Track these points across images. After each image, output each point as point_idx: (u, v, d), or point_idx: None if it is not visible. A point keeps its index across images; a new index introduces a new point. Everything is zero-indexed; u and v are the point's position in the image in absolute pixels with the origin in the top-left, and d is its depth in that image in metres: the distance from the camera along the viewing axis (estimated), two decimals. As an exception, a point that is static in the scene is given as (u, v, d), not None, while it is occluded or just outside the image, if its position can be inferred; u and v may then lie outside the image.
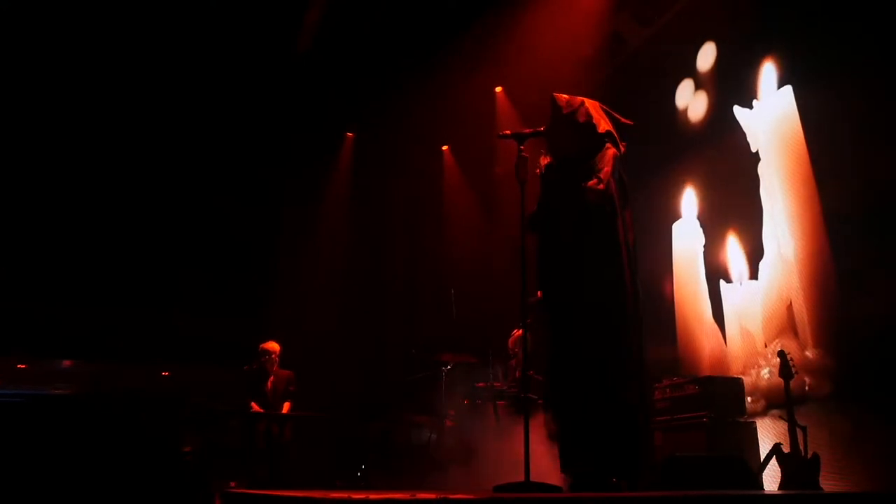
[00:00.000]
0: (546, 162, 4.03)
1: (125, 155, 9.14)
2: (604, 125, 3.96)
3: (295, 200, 10.12)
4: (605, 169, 3.78)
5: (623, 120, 4.14)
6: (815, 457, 5.19)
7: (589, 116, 3.97)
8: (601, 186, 3.73)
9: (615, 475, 3.59)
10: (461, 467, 5.98)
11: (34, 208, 8.84)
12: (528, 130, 3.98)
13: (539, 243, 4.02)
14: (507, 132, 4.01)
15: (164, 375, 9.42)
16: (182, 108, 9.07)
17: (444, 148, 10.35)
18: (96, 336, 9.01)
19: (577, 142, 3.98)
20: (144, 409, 7.33)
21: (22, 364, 9.08)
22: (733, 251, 6.69)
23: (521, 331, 6.83)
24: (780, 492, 5.14)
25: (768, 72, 6.40)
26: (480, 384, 7.02)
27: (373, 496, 2.79)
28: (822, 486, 5.12)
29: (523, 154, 3.83)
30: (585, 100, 4.06)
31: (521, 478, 3.56)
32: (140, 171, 9.19)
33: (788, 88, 6.13)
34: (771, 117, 6.24)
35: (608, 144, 3.90)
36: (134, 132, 9.08)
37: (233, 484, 6.83)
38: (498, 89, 9.15)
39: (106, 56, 8.49)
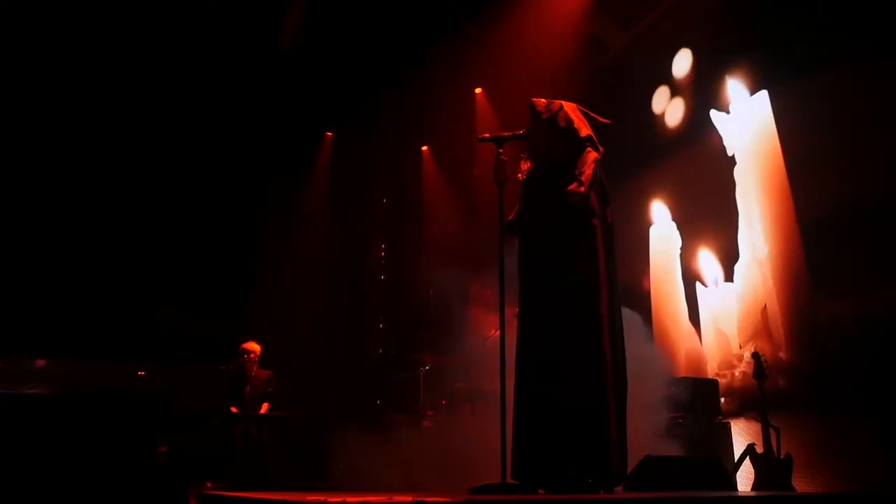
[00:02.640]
0: (527, 166, 4.04)
1: (102, 152, 9.01)
2: (585, 130, 3.97)
3: (276, 200, 10.06)
4: (587, 172, 3.79)
5: (601, 119, 4.15)
6: (788, 457, 5.26)
7: (569, 121, 3.98)
8: (583, 189, 3.75)
9: (590, 476, 3.61)
10: (439, 468, 5.98)
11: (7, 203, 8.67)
12: (507, 134, 4.00)
13: (520, 247, 4.03)
14: (487, 135, 4.03)
15: (141, 375, 9.33)
16: (162, 107, 8.98)
17: (424, 148, 10.35)
18: (70, 334, 8.88)
19: (558, 146, 3.99)
20: (120, 409, 7.26)
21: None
22: (709, 254, 6.77)
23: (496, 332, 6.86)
24: (754, 493, 5.20)
25: (744, 77, 6.48)
26: (459, 384, 7.04)
27: (350, 499, 2.79)
28: (794, 486, 5.20)
29: (502, 157, 3.85)
30: (564, 103, 4.07)
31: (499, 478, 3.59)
32: (120, 169, 9.07)
33: (764, 93, 6.22)
34: (746, 122, 6.33)
35: (589, 148, 3.92)
36: (113, 131, 8.97)
37: (209, 485, 6.78)
38: (478, 90, 9.17)
39: (92, 55, 8.38)
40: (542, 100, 4.10)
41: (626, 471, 3.80)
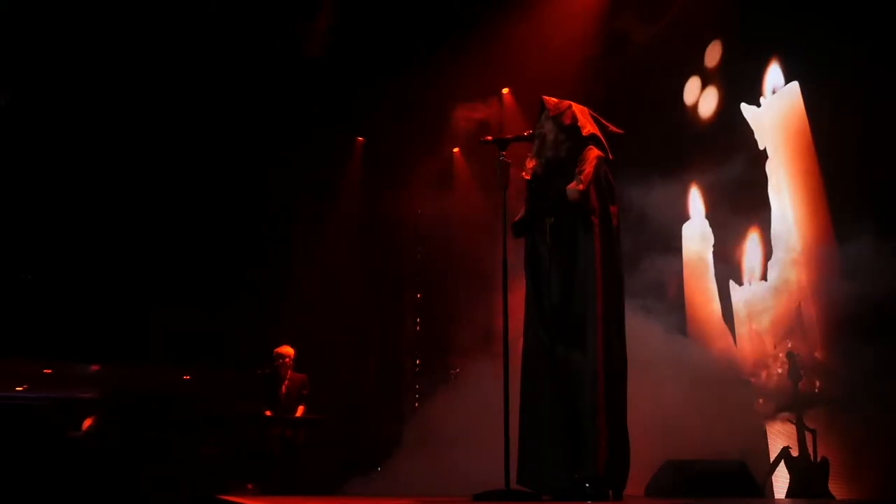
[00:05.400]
0: (532, 165, 4.00)
1: (137, 158, 9.23)
2: (589, 128, 3.91)
3: (306, 205, 10.18)
4: (587, 170, 3.74)
5: (613, 129, 4.08)
6: (825, 461, 5.10)
7: (574, 119, 3.93)
8: (581, 187, 3.70)
9: (577, 478, 3.53)
10: (466, 471, 5.96)
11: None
12: (510, 136, 3.98)
13: (526, 246, 4.00)
14: (489, 138, 4.02)
15: (185, 379, 9.58)
16: (194, 115, 9.16)
17: (455, 150, 10.33)
18: (110, 338, 9.14)
19: (561, 144, 3.94)
20: (159, 412, 7.47)
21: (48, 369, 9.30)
22: (742, 251, 6.60)
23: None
24: (788, 500, 5.06)
25: (775, 68, 6.30)
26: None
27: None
28: (831, 491, 5.03)
29: (505, 160, 3.82)
30: (573, 104, 4.02)
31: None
32: (150, 174, 9.28)
33: (795, 85, 6.04)
34: (778, 114, 6.16)
35: (591, 146, 3.86)
36: (142, 136, 9.18)
37: (250, 486, 6.92)
38: (505, 91, 9.12)
39: (116, 59, 8.58)
40: (553, 98, 4.07)
41: (623, 475, 3.67)
